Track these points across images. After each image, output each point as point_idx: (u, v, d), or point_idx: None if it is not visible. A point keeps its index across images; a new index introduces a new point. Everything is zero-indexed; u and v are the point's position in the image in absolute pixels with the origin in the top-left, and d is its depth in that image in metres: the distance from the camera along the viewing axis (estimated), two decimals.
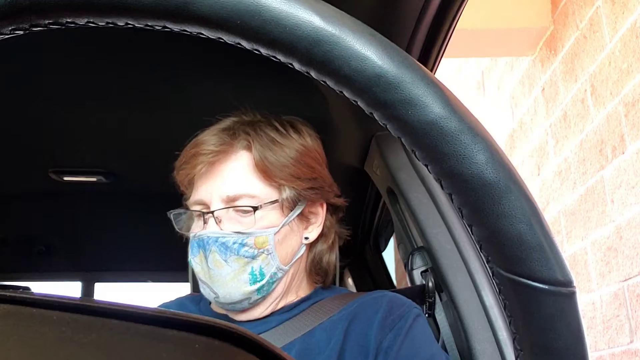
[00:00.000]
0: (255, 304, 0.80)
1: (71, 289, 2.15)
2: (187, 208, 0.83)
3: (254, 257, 0.77)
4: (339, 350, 0.75)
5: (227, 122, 0.83)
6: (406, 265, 1.03)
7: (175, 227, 0.84)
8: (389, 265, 1.80)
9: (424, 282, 0.98)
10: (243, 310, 0.81)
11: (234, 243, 0.76)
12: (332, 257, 0.88)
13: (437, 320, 0.97)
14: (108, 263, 1.99)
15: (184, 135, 0.85)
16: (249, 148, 0.80)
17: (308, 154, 0.83)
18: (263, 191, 0.79)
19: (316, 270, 0.86)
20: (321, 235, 0.86)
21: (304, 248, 0.84)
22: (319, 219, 0.85)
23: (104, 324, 0.19)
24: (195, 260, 0.79)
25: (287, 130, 0.83)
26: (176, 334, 0.19)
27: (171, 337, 0.19)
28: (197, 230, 0.80)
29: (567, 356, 0.23)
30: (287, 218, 0.80)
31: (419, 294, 0.97)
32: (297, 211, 0.81)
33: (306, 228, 0.84)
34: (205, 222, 0.79)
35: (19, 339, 0.18)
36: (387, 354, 0.73)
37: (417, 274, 0.99)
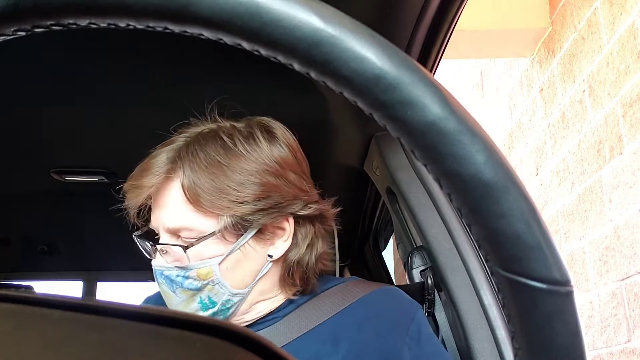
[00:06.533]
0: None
1: (73, 289, 2.16)
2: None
3: (199, 289, 0.73)
4: (355, 353, 0.73)
5: (172, 141, 0.78)
6: (405, 265, 1.03)
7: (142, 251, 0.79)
8: (389, 265, 1.80)
9: (423, 281, 0.99)
10: None
11: (177, 276, 0.73)
12: (312, 259, 0.77)
13: (437, 319, 0.97)
14: (109, 262, 1.99)
15: None
16: (182, 176, 0.73)
17: (264, 169, 0.73)
18: (199, 222, 0.72)
19: (292, 281, 0.77)
20: (293, 246, 0.77)
21: (269, 265, 0.76)
22: (286, 233, 0.76)
23: (106, 322, 0.19)
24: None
25: (239, 144, 0.73)
26: (178, 333, 0.19)
27: (173, 336, 0.19)
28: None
29: (565, 355, 0.23)
30: (235, 244, 0.73)
31: (418, 292, 0.97)
32: (249, 234, 0.73)
33: (272, 244, 0.76)
34: (155, 253, 0.76)
35: (21, 338, 0.18)
36: (400, 355, 0.73)
37: (416, 273, 1.00)
